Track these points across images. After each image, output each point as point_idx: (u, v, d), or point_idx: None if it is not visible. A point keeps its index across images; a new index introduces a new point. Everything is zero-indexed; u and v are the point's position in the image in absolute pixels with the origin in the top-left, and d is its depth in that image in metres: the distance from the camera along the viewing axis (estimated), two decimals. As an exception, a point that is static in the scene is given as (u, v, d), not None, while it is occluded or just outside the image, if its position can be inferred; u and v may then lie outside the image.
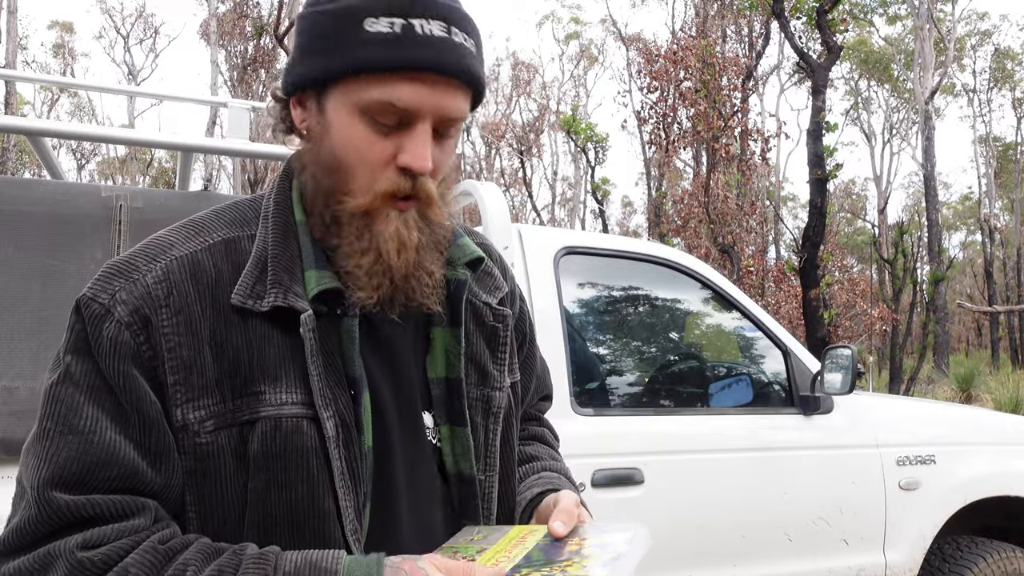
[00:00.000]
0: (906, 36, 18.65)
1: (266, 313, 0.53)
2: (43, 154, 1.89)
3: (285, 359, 0.53)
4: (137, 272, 0.53)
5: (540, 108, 19.36)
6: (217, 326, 0.53)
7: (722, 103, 9.36)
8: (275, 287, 0.53)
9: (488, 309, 0.63)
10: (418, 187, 0.53)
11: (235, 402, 0.52)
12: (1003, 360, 16.98)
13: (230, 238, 0.56)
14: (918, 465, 2.02)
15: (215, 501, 0.52)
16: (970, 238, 26.07)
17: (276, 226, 0.56)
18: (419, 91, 0.51)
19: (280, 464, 0.52)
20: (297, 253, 0.55)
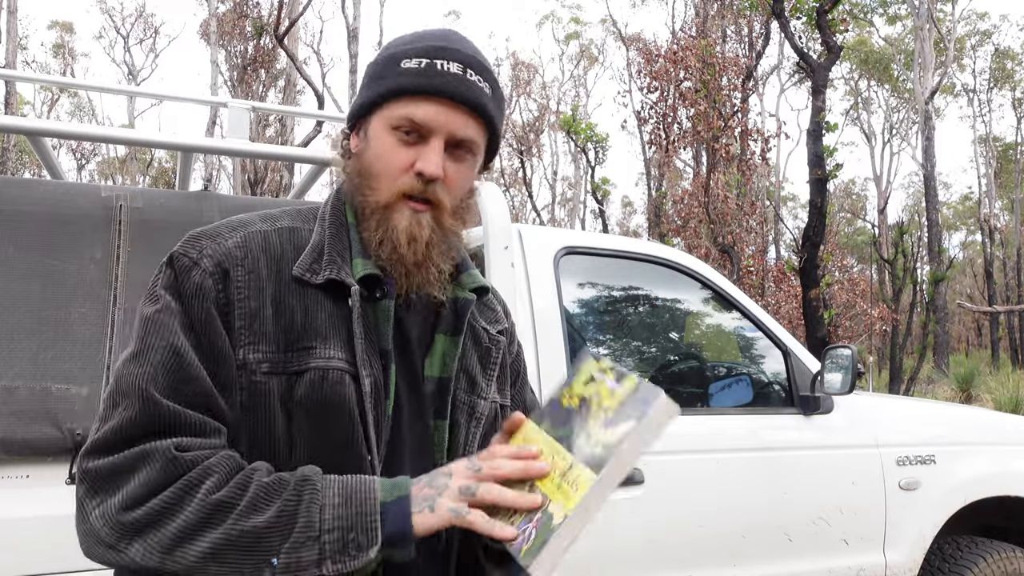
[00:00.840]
0: (906, 36, 18.65)
1: (321, 285, 0.65)
2: (43, 154, 1.89)
3: (335, 324, 0.64)
4: (221, 237, 0.66)
5: (540, 108, 19.37)
6: (279, 290, 0.65)
7: (722, 103, 9.36)
8: (330, 265, 0.66)
9: (485, 333, 0.75)
10: (430, 191, 0.65)
11: (287, 354, 0.63)
12: (1003, 360, 16.98)
13: (294, 227, 0.69)
14: (918, 465, 2.02)
15: (263, 438, 0.62)
16: (970, 238, 26.09)
17: (332, 224, 0.69)
18: (433, 111, 0.66)
19: (323, 409, 0.62)
20: (348, 245, 0.68)
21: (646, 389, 0.55)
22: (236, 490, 0.56)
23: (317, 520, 0.55)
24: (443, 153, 0.66)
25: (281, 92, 13.42)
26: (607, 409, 0.56)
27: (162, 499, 0.55)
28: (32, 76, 2.05)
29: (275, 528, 0.55)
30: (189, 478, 0.56)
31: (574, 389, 0.60)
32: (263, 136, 12.51)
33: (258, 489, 0.57)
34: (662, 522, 1.69)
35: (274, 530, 0.55)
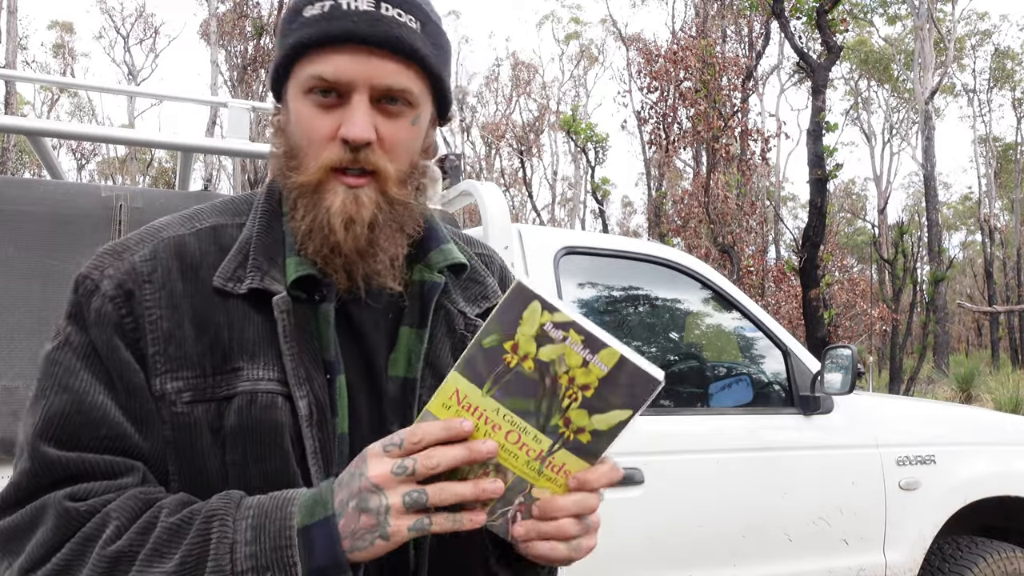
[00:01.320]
0: (906, 36, 18.65)
1: (245, 295, 0.55)
2: (43, 154, 1.89)
3: (263, 339, 0.55)
4: (127, 252, 0.57)
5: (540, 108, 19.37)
6: (200, 304, 0.55)
7: (722, 103, 9.36)
8: (254, 271, 0.56)
9: (462, 318, 0.62)
10: (364, 159, 0.54)
11: (215, 378, 0.54)
12: (1003, 360, 16.98)
13: (218, 224, 0.59)
14: (918, 465, 2.02)
15: (195, 472, 0.54)
16: (970, 238, 26.08)
17: (263, 215, 0.59)
18: (344, 62, 0.53)
19: (255, 436, 0.53)
20: (280, 240, 0.58)
21: (632, 370, 0.46)
22: (137, 536, 0.49)
23: (228, 562, 0.47)
24: (370, 110, 0.54)
25: (281, 92, 13.37)
26: (585, 388, 0.47)
27: (59, 559, 0.49)
28: (32, 76, 2.05)
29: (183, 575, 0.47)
30: (86, 531, 0.49)
31: (520, 344, 0.47)
32: (263, 136, 12.51)
33: (162, 532, 0.49)
34: (662, 522, 1.69)
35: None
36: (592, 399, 0.47)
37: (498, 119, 19.16)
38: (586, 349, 0.46)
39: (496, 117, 19.34)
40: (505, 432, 0.48)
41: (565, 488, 0.49)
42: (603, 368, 0.46)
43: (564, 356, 0.47)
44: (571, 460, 0.49)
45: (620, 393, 0.47)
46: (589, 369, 0.47)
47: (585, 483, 0.50)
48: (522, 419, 0.48)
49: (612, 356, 0.46)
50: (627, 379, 0.46)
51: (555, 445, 0.48)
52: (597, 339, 0.46)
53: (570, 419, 0.48)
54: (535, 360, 0.47)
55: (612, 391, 0.47)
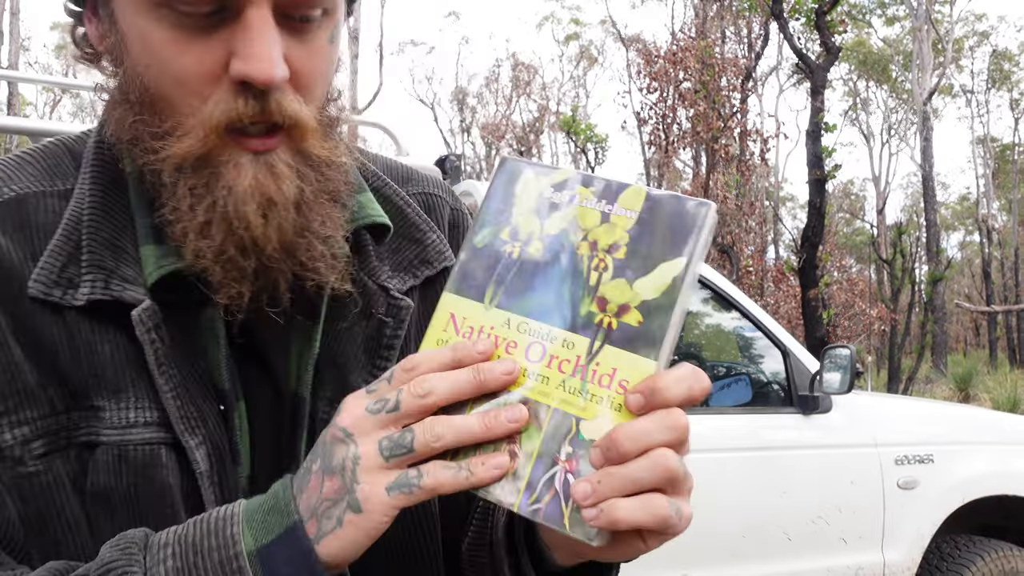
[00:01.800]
0: (904, 37, 18.69)
1: (85, 308, 0.36)
2: (45, 155, 1.90)
3: (127, 363, 0.37)
4: None
5: (540, 109, 19.39)
6: (21, 316, 0.36)
7: (721, 104, 9.38)
8: (92, 271, 0.36)
9: (383, 295, 0.42)
10: (272, 108, 0.35)
11: (69, 415, 0.36)
12: (1001, 360, 17.00)
13: (28, 194, 0.38)
14: (916, 464, 2.03)
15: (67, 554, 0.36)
16: (968, 238, 26.12)
17: (95, 179, 0.38)
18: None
19: (131, 509, 0.36)
20: (128, 220, 0.38)
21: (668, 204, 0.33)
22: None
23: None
24: (276, 30, 0.35)
25: (281, 93, 13.38)
26: (614, 249, 0.33)
27: None
28: (35, 77, 2.06)
29: None
30: None
31: (520, 226, 0.34)
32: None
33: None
34: (662, 521, 1.70)
35: None
36: (626, 260, 0.33)
37: (498, 119, 19.18)
38: (602, 201, 0.34)
39: (496, 117, 19.35)
40: (525, 347, 0.33)
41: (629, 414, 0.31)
42: (629, 215, 0.33)
43: (577, 219, 0.34)
44: (625, 362, 0.32)
45: (661, 239, 0.32)
46: (612, 223, 0.33)
47: (656, 392, 0.31)
48: (542, 322, 0.33)
49: (637, 195, 0.33)
50: (665, 218, 0.32)
51: (594, 343, 0.32)
52: (612, 183, 0.34)
53: (605, 297, 0.32)
54: (541, 238, 0.34)
55: (650, 240, 0.32)
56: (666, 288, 0.32)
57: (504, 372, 0.32)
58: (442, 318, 0.35)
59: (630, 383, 0.32)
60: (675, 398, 0.32)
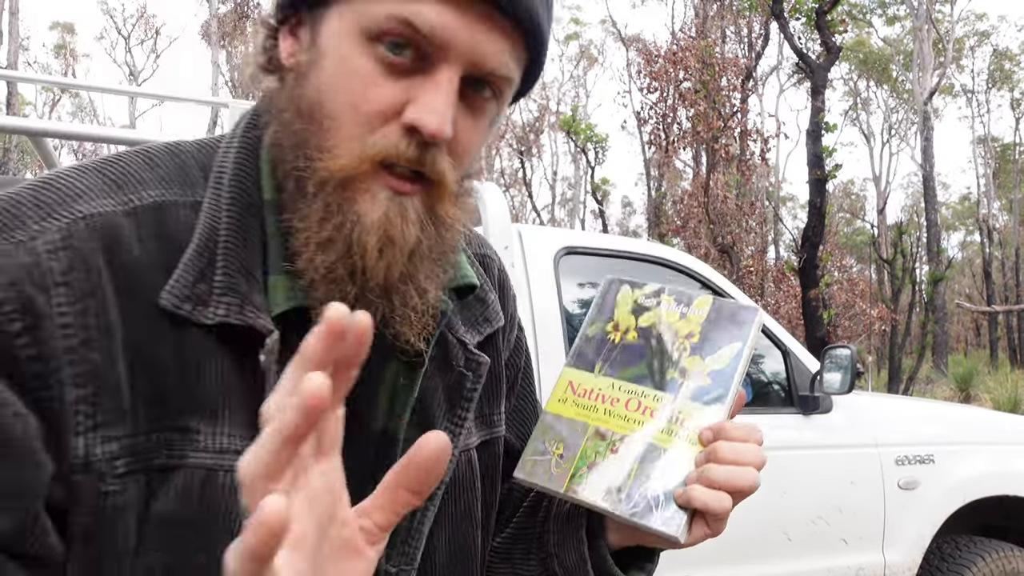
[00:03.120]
0: (905, 37, 18.68)
1: (211, 326, 0.37)
2: (44, 154, 1.89)
3: (231, 391, 0.37)
4: (22, 231, 0.34)
5: (540, 108, 19.39)
6: (136, 330, 0.36)
7: (722, 103, 9.38)
8: (227, 295, 0.37)
9: (461, 349, 0.45)
10: (427, 160, 0.37)
11: (150, 437, 0.35)
12: (1002, 360, 17.00)
13: (165, 203, 0.38)
14: (917, 465, 2.02)
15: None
16: (969, 238, 26.11)
17: (234, 200, 0.39)
18: (449, 13, 0.36)
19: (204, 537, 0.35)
20: (260, 247, 0.39)
21: (728, 306, 0.48)
22: None
23: None
24: (457, 95, 0.37)
25: (281, 92, 13.39)
26: (690, 336, 0.47)
27: None
28: (34, 77, 2.06)
29: None
30: None
31: (620, 322, 0.49)
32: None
33: None
34: (662, 521, 1.69)
35: None
36: (700, 344, 0.47)
37: (498, 119, 19.12)
38: (680, 304, 0.49)
39: (496, 117, 19.28)
40: (624, 401, 0.47)
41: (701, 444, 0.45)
42: (700, 313, 0.48)
43: (663, 316, 0.49)
44: (698, 412, 0.45)
45: (724, 331, 0.47)
46: (688, 319, 0.48)
47: (722, 431, 0.43)
48: (638, 384, 0.47)
49: (704, 302, 0.49)
50: (727, 317, 0.48)
51: (676, 396, 0.46)
52: (686, 293, 0.49)
53: (685, 368, 0.47)
54: (637, 329, 0.49)
55: (716, 331, 0.47)
56: (728, 361, 0.47)
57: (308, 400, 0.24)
58: (562, 385, 0.49)
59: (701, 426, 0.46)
60: (737, 436, 0.43)
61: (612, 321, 0.50)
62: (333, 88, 0.38)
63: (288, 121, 0.39)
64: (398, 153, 0.37)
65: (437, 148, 0.38)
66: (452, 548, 0.45)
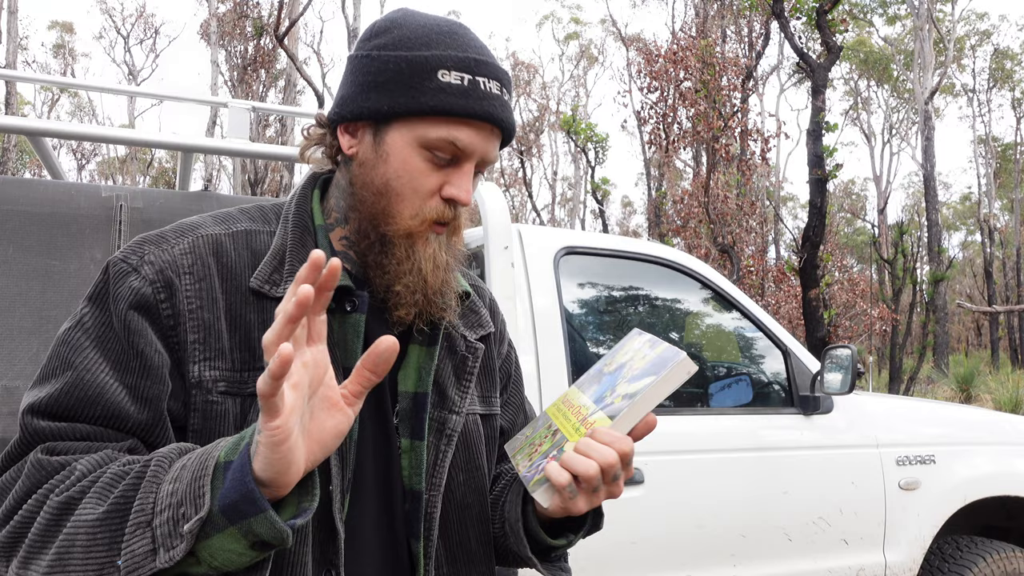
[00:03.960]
0: (905, 36, 18.65)
1: (280, 299, 0.58)
2: (43, 154, 1.89)
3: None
4: (167, 243, 0.59)
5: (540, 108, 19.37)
6: (234, 303, 0.58)
7: (722, 103, 9.37)
8: (291, 277, 0.59)
9: (463, 340, 0.69)
10: (456, 215, 0.62)
11: (243, 373, 0.57)
12: (1003, 360, 16.98)
13: (251, 230, 0.63)
14: (918, 465, 2.02)
15: None
16: (970, 238, 26.08)
17: (296, 226, 0.63)
18: (475, 135, 0.61)
19: None
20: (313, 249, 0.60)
21: (670, 352, 0.59)
22: (87, 484, 0.48)
23: (152, 501, 0.46)
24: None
25: (281, 92, 13.43)
26: (634, 368, 0.61)
27: (25, 509, 0.49)
28: (32, 76, 2.05)
29: (111, 520, 0.46)
30: (52, 483, 0.49)
31: (616, 358, 0.65)
32: (263, 136, 12.51)
33: (107, 477, 0.48)
34: (662, 522, 1.69)
35: (110, 523, 0.46)
36: (636, 376, 0.60)
37: (498, 119, 19.08)
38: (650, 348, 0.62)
39: (496, 117, 19.25)
40: (577, 411, 0.62)
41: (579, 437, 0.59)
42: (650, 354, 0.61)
43: (635, 355, 0.63)
44: (602, 422, 0.58)
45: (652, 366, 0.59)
46: (644, 357, 0.61)
47: (595, 434, 0.57)
48: (594, 403, 0.61)
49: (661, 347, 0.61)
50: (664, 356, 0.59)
51: (599, 410, 0.59)
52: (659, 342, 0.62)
53: (617, 391, 0.60)
54: (616, 364, 0.65)
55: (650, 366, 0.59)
56: (636, 389, 0.58)
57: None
58: (562, 397, 0.67)
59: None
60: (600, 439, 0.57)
61: (612, 357, 0.66)
62: (398, 176, 0.61)
63: (363, 196, 0.62)
64: (444, 215, 0.62)
65: (459, 207, 0.63)
66: (467, 482, 0.67)
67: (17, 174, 13.95)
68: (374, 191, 0.61)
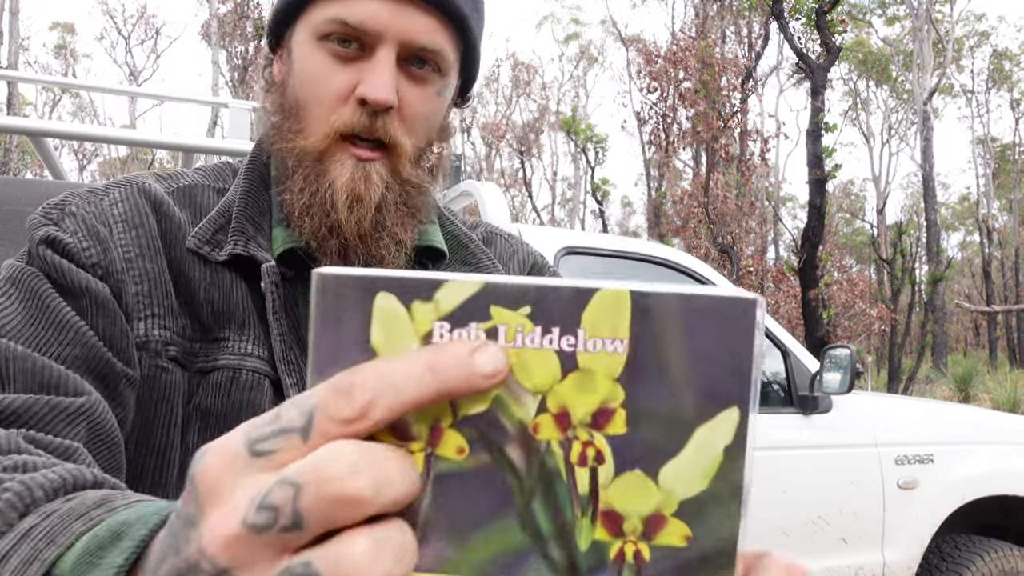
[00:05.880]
0: (904, 37, 18.68)
1: (226, 263, 0.47)
2: (45, 155, 1.89)
3: (252, 309, 0.47)
4: (94, 194, 0.48)
5: (540, 108, 19.39)
6: (177, 261, 0.47)
7: (721, 104, 9.38)
8: (236, 235, 0.47)
9: None
10: (380, 127, 0.46)
11: (193, 344, 0.46)
12: (1001, 360, 17.00)
13: (197, 184, 0.51)
14: (916, 464, 2.03)
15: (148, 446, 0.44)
16: (968, 238, 26.11)
17: (247, 179, 0.51)
18: (374, 7, 0.45)
19: (231, 420, 0.44)
20: (267, 208, 0.50)
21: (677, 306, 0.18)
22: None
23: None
24: (396, 70, 0.46)
25: (281, 93, 13.39)
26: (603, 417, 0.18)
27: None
28: (34, 77, 2.06)
29: None
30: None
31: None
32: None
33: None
34: (662, 521, 1.70)
35: None
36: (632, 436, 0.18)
37: (498, 119, 19.18)
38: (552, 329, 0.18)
39: (496, 117, 19.36)
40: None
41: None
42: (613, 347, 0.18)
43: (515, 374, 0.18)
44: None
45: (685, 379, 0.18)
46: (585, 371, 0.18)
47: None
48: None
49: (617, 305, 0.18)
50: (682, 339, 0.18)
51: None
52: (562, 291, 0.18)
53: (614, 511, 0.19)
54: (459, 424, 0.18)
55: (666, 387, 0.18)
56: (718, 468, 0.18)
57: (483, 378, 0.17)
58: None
59: None
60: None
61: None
62: (301, 84, 0.48)
63: (273, 116, 0.50)
64: (354, 123, 0.46)
65: (387, 115, 0.46)
66: None
67: (19, 174, 13.95)
68: (285, 112, 0.49)
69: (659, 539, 0.18)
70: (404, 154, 0.47)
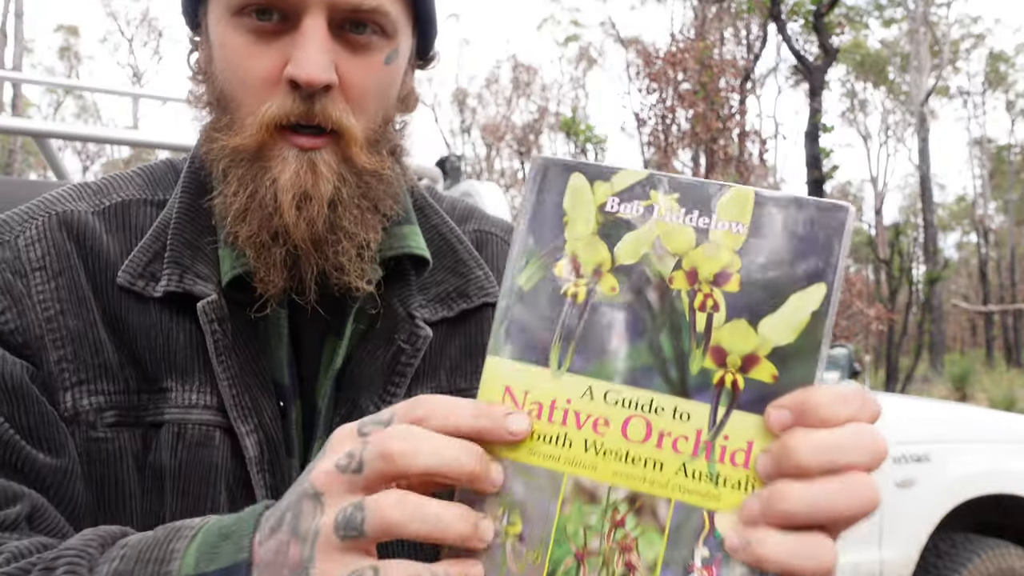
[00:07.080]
0: (901, 39, 18.75)
1: (162, 299, 0.41)
2: (49, 155, 1.90)
3: (196, 351, 0.41)
4: (7, 230, 0.41)
5: (540, 110, 19.42)
6: (111, 303, 0.41)
7: (720, 105, 9.41)
8: (171, 266, 0.41)
9: (408, 323, 0.43)
10: (320, 111, 0.38)
11: (140, 396, 0.40)
12: (997, 359, 17.05)
13: (131, 200, 0.43)
14: (913, 463, 2.04)
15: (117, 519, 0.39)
16: (965, 238, 26.19)
17: (185, 191, 0.43)
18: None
19: (180, 484, 0.39)
20: (209, 225, 0.42)
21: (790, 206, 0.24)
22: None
23: None
24: (329, 40, 0.38)
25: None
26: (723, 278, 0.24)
27: None
28: (38, 79, 2.07)
29: None
30: None
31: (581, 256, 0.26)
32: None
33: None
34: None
35: None
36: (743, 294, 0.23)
37: (498, 120, 19.21)
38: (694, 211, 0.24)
39: (496, 118, 19.38)
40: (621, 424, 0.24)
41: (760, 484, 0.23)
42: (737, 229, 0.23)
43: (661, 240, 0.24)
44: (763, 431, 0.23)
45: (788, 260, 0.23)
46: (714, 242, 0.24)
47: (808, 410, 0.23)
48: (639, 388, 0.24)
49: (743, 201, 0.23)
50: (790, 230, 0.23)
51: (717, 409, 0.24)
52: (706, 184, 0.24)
53: (722, 347, 0.24)
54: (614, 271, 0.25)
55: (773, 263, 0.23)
56: (804, 327, 0.23)
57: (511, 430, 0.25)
58: (493, 392, 0.26)
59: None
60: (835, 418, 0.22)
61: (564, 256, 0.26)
62: (222, 70, 0.40)
63: (204, 116, 0.43)
64: (289, 111, 0.38)
65: (327, 96, 0.39)
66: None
67: (22, 175, 13.93)
68: (209, 103, 0.42)
69: (753, 373, 0.24)
70: (354, 139, 0.39)
